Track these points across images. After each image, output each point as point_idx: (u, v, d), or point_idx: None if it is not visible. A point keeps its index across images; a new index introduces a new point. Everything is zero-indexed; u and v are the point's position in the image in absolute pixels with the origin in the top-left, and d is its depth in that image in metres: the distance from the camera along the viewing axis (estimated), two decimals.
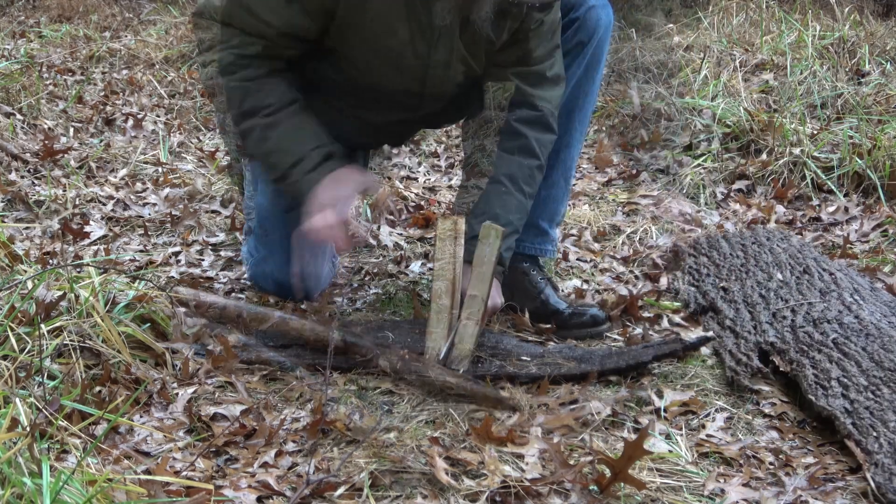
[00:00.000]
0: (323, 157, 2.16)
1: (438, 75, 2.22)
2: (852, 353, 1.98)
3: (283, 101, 2.18)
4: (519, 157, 2.28)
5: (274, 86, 2.18)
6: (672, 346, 2.14)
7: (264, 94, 2.17)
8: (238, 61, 2.16)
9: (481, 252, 2.05)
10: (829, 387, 1.88)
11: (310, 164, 2.15)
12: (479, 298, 2.04)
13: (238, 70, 2.17)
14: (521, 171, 2.27)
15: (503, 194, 2.25)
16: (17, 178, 3.30)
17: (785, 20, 5.02)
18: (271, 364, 2.10)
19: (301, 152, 2.16)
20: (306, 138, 2.17)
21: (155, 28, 6.47)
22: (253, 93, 2.17)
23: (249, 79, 2.17)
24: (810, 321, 2.14)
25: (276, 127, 2.17)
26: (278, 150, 2.18)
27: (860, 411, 1.79)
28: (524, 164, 2.28)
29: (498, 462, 1.68)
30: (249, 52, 2.16)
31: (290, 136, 2.17)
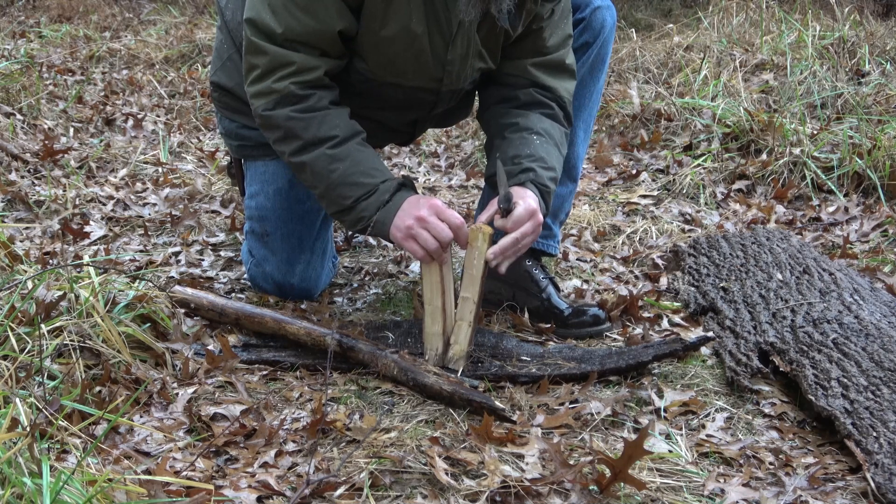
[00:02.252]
0: (396, 187, 2.11)
1: (455, 71, 2.21)
2: (852, 353, 1.98)
3: (349, 133, 2.13)
4: (549, 121, 2.24)
5: (337, 117, 2.13)
6: (672, 346, 2.14)
7: (329, 126, 2.11)
8: (299, 91, 2.10)
9: (471, 255, 2.04)
10: (829, 387, 1.88)
11: (382, 196, 2.10)
12: (471, 300, 2.05)
13: (300, 101, 2.10)
14: (555, 131, 2.24)
15: (545, 142, 2.20)
16: (17, 178, 3.30)
17: (785, 20, 5.02)
18: (271, 364, 2.11)
19: (372, 185, 2.11)
20: (375, 172, 2.12)
21: (155, 28, 6.47)
22: (317, 124, 2.11)
23: (312, 110, 2.11)
24: (810, 321, 2.14)
25: (344, 159, 2.11)
26: (346, 182, 2.12)
27: (860, 411, 1.79)
28: (556, 126, 2.25)
29: (498, 462, 1.68)
30: (310, 78, 2.10)
31: (359, 169, 2.11)
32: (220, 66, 2.42)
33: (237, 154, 2.52)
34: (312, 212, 2.45)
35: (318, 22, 2.07)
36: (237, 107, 2.40)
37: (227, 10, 2.38)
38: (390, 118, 2.36)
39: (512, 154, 2.17)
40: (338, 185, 2.12)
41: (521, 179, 2.12)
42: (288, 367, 2.10)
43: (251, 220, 2.50)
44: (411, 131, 2.48)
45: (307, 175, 2.18)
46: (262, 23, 2.08)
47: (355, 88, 2.23)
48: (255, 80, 2.13)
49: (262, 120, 2.17)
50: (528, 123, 2.21)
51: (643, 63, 4.82)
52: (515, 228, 2.04)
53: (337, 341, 2.06)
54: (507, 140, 2.21)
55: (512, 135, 2.21)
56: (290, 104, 2.11)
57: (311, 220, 2.45)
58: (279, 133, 2.15)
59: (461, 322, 2.05)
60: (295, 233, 2.44)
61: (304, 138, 2.12)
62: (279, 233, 2.44)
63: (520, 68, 2.26)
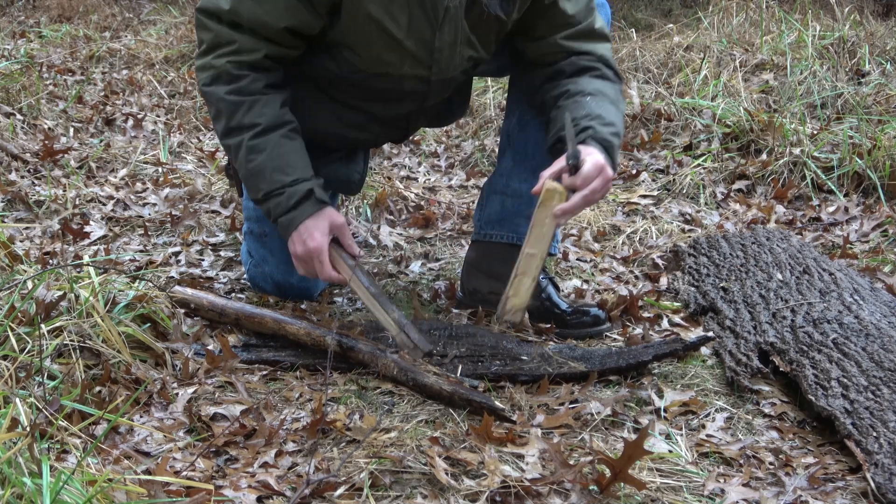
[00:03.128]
0: (303, 194, 2.13)
1: (444, 58, 2.19)
2: (852, 353, 1.98)
3: (273, 123, 2.14)
4: (599, 80, 2.23)
5: (266, 104, 2.14)
6: (672, 346, 2.14)
7: (255, 113, 2.13)
8: (234, 71, 2.12)
9: (542, 214, 2.06)
10: (829, 387, 1.88)
11: (289, 201, 2.13)
12: (538, 256, 2.09)
13: (233, 81, 2.12)
14: (606, 88, 2.22)
15: (599, 100, 2.18)
16: (17, 178, 3.30)
17: (785, 20, 5.02)
18: (271, 364, 2.11)
19: (281, 182, 2.13)
20: (289, 168, 2.13)
21: (155, 28, 6.47)
22: (244, 109, 2.13)
23: (243, 92, 2.13)
24: (810, 321, 2.14)
25: (262, 151, 2.13)
26: (259, 174, 2.14)
27: (860, 411, 1.79)
28: (607, 84, 2.23)
29: (498, 462, 1.68)
30: (248, 59, 2.12)
31: (274, 164, 2.13)
32: None
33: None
34: None
35: (263, 13, 2.09)
36: None
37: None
38: (382, 110, 2.35)
39: (569, 119, 2.15)
40: (253, 176, 2.16)
41: (581, 139, 2.10)
42: (288, 367, 2.10)
43: (249, 220, 2.49)
44: (405, 126, 2.47)
45: (232, 158, 2.23)
46: (213, 3, 2.12)
47: (346, 80, 2.24)
48: (199, 55, 2.18)
49: (202, 95, 2.21)
50: (578, 87, 2.20)
51: (643, 63, 4.82)
52: (585, 185, 2.04)
53: (337, 341, 2.06)
54: (561, 108, 2.19)
55: (565, 102, 2.19)
56: (225, 83, 2.13)
57: None
58: (213, 111, 2.20)
59: (523, 277, 2.10)
60: None
61: (231, 123, 2.15)
62: (277, 233, 2.43)
63: (552, 45, 2.24)
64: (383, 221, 3.15)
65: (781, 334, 2.11)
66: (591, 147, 2.08)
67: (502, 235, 2.41)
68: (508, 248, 2.40)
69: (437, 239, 3.04)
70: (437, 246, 2.96)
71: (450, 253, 2.91)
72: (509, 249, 2.40)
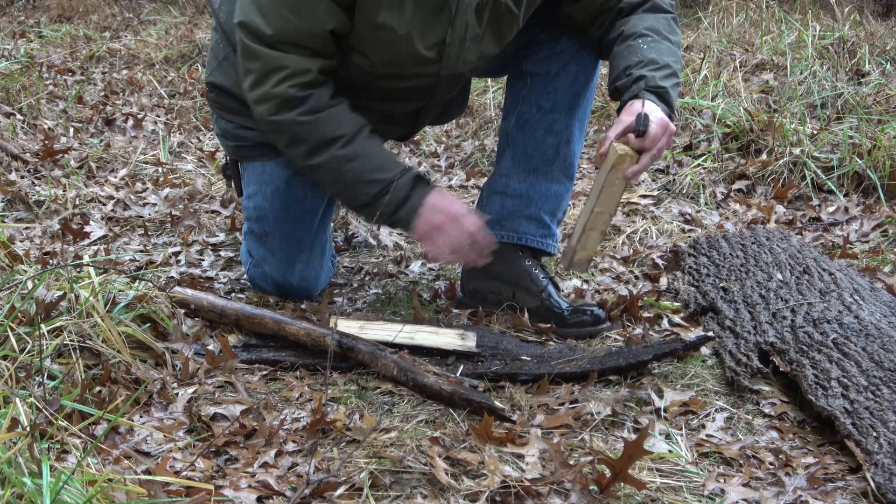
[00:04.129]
0: (411, 181, 2.14)
1: (454, 54, 2.19)
2: (852, 353, 1.98)
3: (355, 129, 2.13)
4: (650, 15, 2.23)
5: (340, 113, 2.13)
6: (672, 345, 2.14)
7: (335, 125, 2.12)
8: (298, 94, 2.10)
9: (614, 175, 2.09)
10: (829, 387, 1.88)
11: (400, 193, 2.13)
12: (607, 213, 2.14)
13: (300, 104, 2.11)
14: (659, 23, 2.22)
15: (651, 42, 2.18)
16: (17, 178, 3.30)
17: (785, 20, 5.02)
18: (271, 364, 2.11)
19: (385, 179, 2.13)
20: (386, 165, 2.14)
21: (155, 28, 6.47)
22: (322, 125, 2.11)
23: (315, 110, 2.11)
24: (810, 321, 2.14)
25: (354, 158, 2.12)
26: (360, 181, 2.14)
27: (860, 411, 1.79)
28: (659, 17, 2.24)
29: (498, 462, 1.68)
30: (305, 80, 2.10)
31: (370, 166, 2.13)
32: (216, 67, 2.41)
33: (234, 154, 2.50)
34: (310, 211, 2.44)
35: (307, 22, 2.06)
36: (234, 107, 2.39)
37: (221, 12, 2.37)
38: (391, 109, 2.35)
39: (623, 66, 2.17)
40: (352, 185, 2.15)
41: (635, 91, 2.12)
42: (288, 367, 2.10)
43: (249, 220, 2.49)
44: (413, 123, 2.47)
45: (321, 176, 2.20)
46: (253, 25, 2.08)
47: (355, 83, 2.23)
48: (252, 86, 2.13)
49: (266, 126, 2.17)
50: (631, 29, 2.20)
51: None
52: (653, 146, 2.07)
53: (337, 341, 2.06)
54: (615, 54, 2.21)
55: (619, 47, 2.21)
56: (291, 108, 2.11)
57: (309, 219, 2.45)
58: (286, 138, 2.16)
59: (592, 231, 2.15)
60: (293, 232, 2.44)
61: (312, 141, 2.12)
62: (278, 233, 2.43)
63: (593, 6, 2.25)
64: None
65: (781, 334, 2.11)
66: (649, 103, 2.09)
67: (502, 235, 2.41)
68: (509, 248, 2.40)
69: None
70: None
71: None
72: (510, 249, 2.40)
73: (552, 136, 2.37)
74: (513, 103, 2.43)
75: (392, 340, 2.11)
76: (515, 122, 2.41)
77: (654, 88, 2.12)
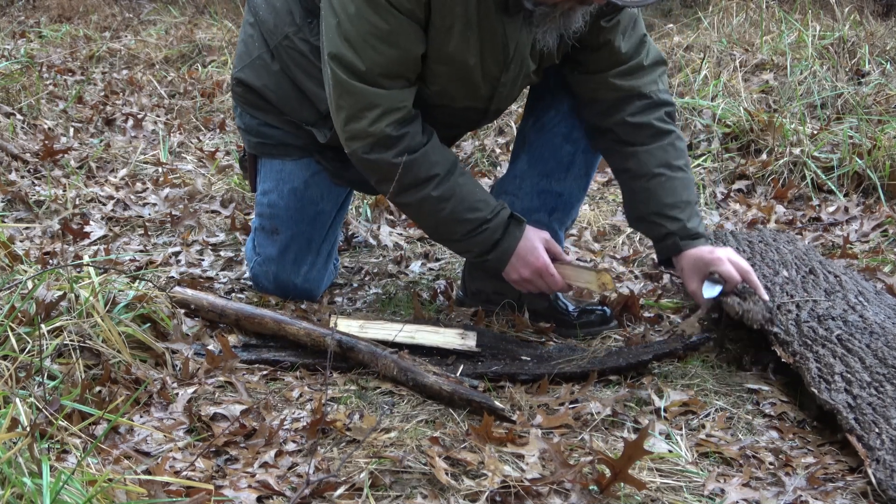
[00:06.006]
0: (505, 223, 2.17)
1: (506, 92, 2.23)
2: (856, 349, 1.98)
3: (449, 167, 2.14)
4: (656, 143, 2.24)
5: (434, 152, 2.13)
6: (672, 345, 2.14)
7: (429, 165, 2.12)
8: (394, 133, 2.09)
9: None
10: (832, 381, 1.87)
11: (495, 235, 2.16)
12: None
13: (395, 143, 2.10)
14: (666, 154, 2.24)
15: (665, 181, 2.22)
16: (17, 178, 3.30)
17: (785, 20, 5.02)
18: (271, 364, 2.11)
19: (480, 219, 2.15)
20: (480, 204, 2.15)
21: (155, 28, 6.47)
22: (417, 165, 2.11)
23: (410, 150, 2.10)
24: (815, 317, 2.13)
25: (449, 198, 2.13)
26: (454, 220, 2.15)
27: (863, 407, 1.78)
28: (663, 145, 2.25)
29: (498, 462, 1.68)
30: (399, 116, 2.09)
31: (465, 205, 2.14)
32: (247, 63, 2.38)
33: (255, 150, 2.47)
34: (324, 213, 2.44)
35: (401, 51, 2.05)
36: (261, 104, 2.38)
37: (261, 10, 2.34)
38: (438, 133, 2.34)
39: (645, 212, 2.24)
40: (447, 223, 2.17)
41: (672, 250, 2.21)
42: (288, 367, 2.10)
43: (261, 216, 2.48)
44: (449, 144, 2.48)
45: (412, 213, 2.24)
46: (346, 59, 2.06)
47: None
48: (346, 122, 2.12)
49: (358, 161, 2.17)
50: (642, 168, 2.23)
51: None
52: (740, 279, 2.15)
53: (337, 341, 2.06)
54: (631, 190, 2.27)
55: (632, 184, 2.26)
56: (386, 148, 2.10)
57: (322, 221, 2.45)
58: (378, 175, 2.16)
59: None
60: (305, 233, 2.43)
61: (405, 182, 2.12)
62: (290, 232, 2.43)
63: (601, 82, 2.25)
64: (383, 221, 3.15)
65: (786, 326, 2.10)
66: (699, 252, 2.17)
67: None
68: None
69: None
70: (437, 246, 2.96)
71: (450, 253, 2.91)
72: None
73: (570, 143, 2.37)
74: (532, 105, 2.43)
75: (392, 340, 2.11)
76: (533, 124, 2.41)
77: (688, 235, 2.18)
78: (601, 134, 2.30)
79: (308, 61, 2.28)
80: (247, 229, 2.95)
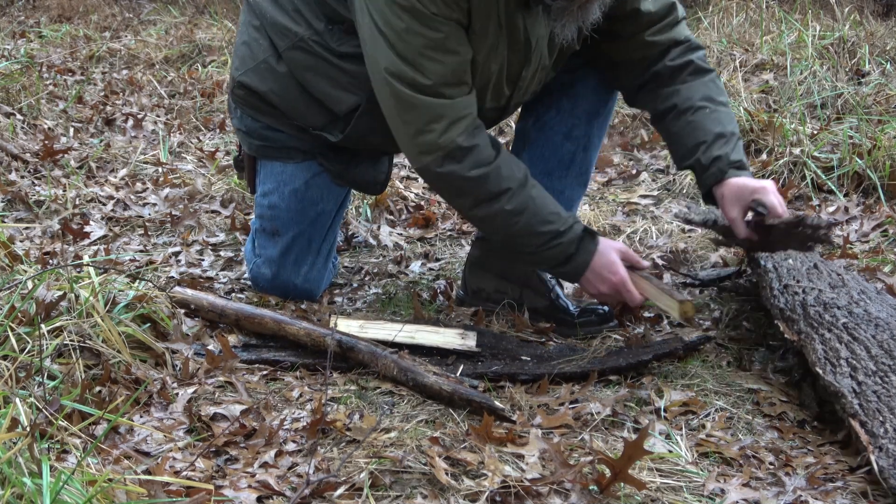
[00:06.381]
0: (579, 236, 2.16)
1: (525, 87, 2.23)
2: (862, 338, 1.96)
3: (520, 181, 2.13)
4: (698, 79, 2.26)
5: (506, 165, 2.12)
6: (672, 345, 2.14)
7: (502, 179, 2.11)
8: (465, 143, 2.08)
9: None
10: (837, 365, 1.86)
11: (569, 249, 2.15)
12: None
13: (467, 155, 2.09)
14: (708, 89, 2.26)
15: (710, 113, 2.23)
16: (17, 178, 3.30)
17: (785, 20, 5.02)
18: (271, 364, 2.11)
19: (553, 231, 2.14)
20: (552, 216, 2.14)
21: (155, 28, 6.47)
22: (491, 179, 2.10)
23: (483, 163, 2.10)
24: (821, 303, 2.12)
25: (522, 211, 2.12)
26: (527, 233, 2.14)
27: (868, 394, 1.77)
28: (707, 82, 2.27)
29: (498, 462, 1.68)
30: (467, 124, 2.09)
31: (538, 218, 2.13)
32: (251, 68, 2.34)
33: (256, 153, 2.45)
34: (325, 213, 2.44)
35: (458, 56, 2.06)
36: (264, 108, 2.35)
37: (269, 13, 2.30)
38: None
39: (691, 145, 2.21)
40: (519, 236, 2.16)
41: (718, 175, 2.18)
42: (288, 367, 2.10)
43: (262, 218, 2.47)
44: None
45: (485, 225, 2.23)
46: (407, 76, 2.05)
47: None
48: (414, 136, 2.10)
49: (432, 178, 2.16)
50: (685, 103, 2.24)
51: None
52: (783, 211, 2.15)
53: (337, 341, 2.06)
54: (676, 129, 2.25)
55: (677, 122, 2.25)
56: (459, 160, 2.09)
57: (322, 222, 2.44)
58: (451, 190, 2.17)
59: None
60: (305, 234, 2.43)
61: (480, 196, 2.12)
62: (291, 233, 2.43)
63: (639, 42, 2.25)
64: (383, 221, 3.15)
65: (792, 305, 2.10)
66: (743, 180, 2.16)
67: None
68: None
69: (437, 239, 3.04)
70: (437, 246, 2.96)
71: (450, 253, 2.91)
72: None
73: (570, 141, 2.37)
74: (532, 103, 2.43)
75: (392, 340, 2.11)
76: (534, 122, 2.41)
77: (732, 164, 2.17)
78: (640, 88, 2.30)
79: (326, 64, 2.24)
80: (247, 229, 2.95)
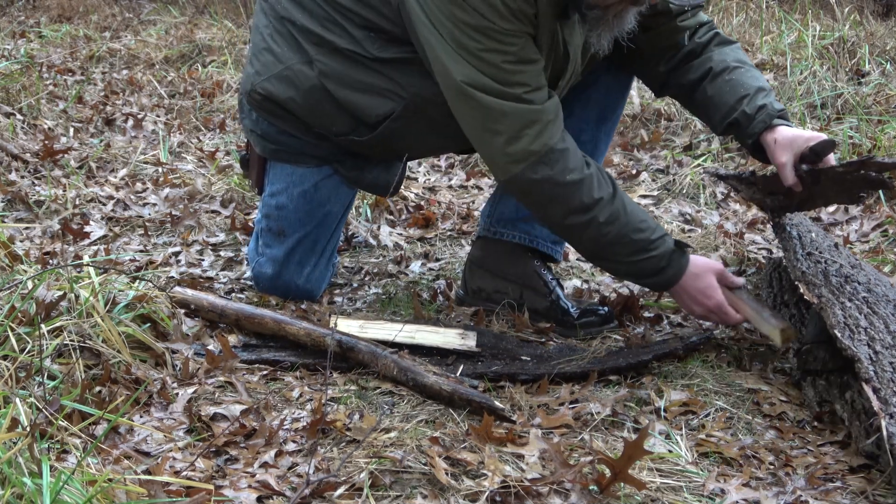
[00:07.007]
0: (671, 249, 2.16)
1: (559, 93, 2.23)
2: (882, 314, 1.96)
3: (610, 192, 2.12)
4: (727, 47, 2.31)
5: (597, 174, 2.13)
6: (672, 345, 2.14)
7: (595, 188, 2.11)
8: (558, 146, 2.09)
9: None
10: (856, 331, 1.85)
11: (661, 262, 2.15)
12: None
13: (560, 159, 2.09)
14: (739, 54, 2.32)
15: (745, 71, 2.27)
16: (17, 178, 3.30)
17: (785, 20, 5.02)
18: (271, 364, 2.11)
19: (645, 241, 2.14)
20: (643, 225, 2.14)
21: (155, 28, 6.47)
22: (585, 187, 2.10)
23: (576, 170, 2.10)
24: (842, 276, 2.11)
25: (614, 221, 2.12)
26: (619, 243, 2.14)
27: (884, 364, 1.76)
28: (734, 47, 2.32)
29: (498, 462, 1.68)
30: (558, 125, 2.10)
31: (630, 227, 2.13)
32: (274, 74, 2.29)
33: (269, 156, 2.43)
34: (332, 215, 2.44)
35: (535, 63, 2.09)
36: (283, 115, 2.33)
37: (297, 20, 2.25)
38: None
39: (733, 100, 2.23)
40: (611, 245, 2.15)
41: (766, 122, 2.18)
42: (288, 367, 2.10)
43: (268, 217, 2.46)
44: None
45: (574, 236, 2.21)
46: (493, 88, 2.05)
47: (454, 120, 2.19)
48: (506, 144, 2.10)
49: (525, 185, 2.13)
50: (720, 65, 2.27)
51: None
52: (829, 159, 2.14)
53: (337, 341, 2.06)
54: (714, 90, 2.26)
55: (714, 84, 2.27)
56: (551, 165, 2.09)
57: (329, 223, 2.44)
58: (542, 198, 2.15)
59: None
60: (311, 235, 2.43)
61: (573, 205, 2.12)
62: (296, 234, 2.42)
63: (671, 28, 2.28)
64: (383, 221, 3.15)
65: (814, 272, 2.09)
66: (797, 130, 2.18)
67: (514, 236, 2.42)
68: (518, 249, 2.41)
69: (437, 239, 3.04)
70: (437, 246, 2.96)
71: (450, 253, 2.91)
72: (519, 250, 2.41)
73: (578, 146, 2.37)
74: None
75: (392, 340, 2.11)
76: None
77: (777, 113, 2.19)
78: (672, 71, 2.33)
79: (363, 69, 2.21)
80: (247, 229, 2.95)
